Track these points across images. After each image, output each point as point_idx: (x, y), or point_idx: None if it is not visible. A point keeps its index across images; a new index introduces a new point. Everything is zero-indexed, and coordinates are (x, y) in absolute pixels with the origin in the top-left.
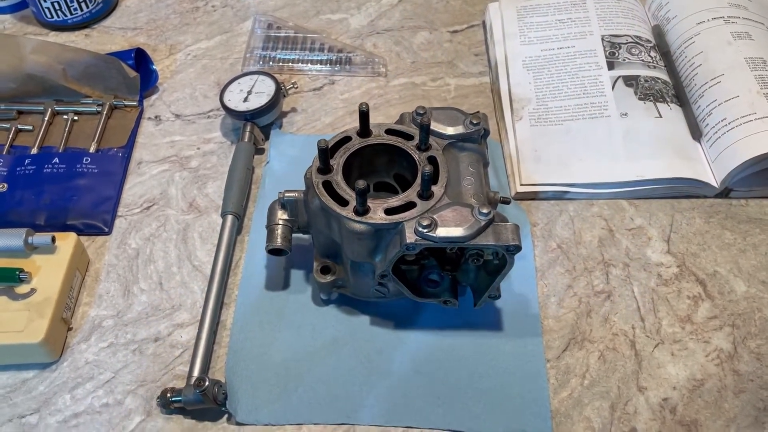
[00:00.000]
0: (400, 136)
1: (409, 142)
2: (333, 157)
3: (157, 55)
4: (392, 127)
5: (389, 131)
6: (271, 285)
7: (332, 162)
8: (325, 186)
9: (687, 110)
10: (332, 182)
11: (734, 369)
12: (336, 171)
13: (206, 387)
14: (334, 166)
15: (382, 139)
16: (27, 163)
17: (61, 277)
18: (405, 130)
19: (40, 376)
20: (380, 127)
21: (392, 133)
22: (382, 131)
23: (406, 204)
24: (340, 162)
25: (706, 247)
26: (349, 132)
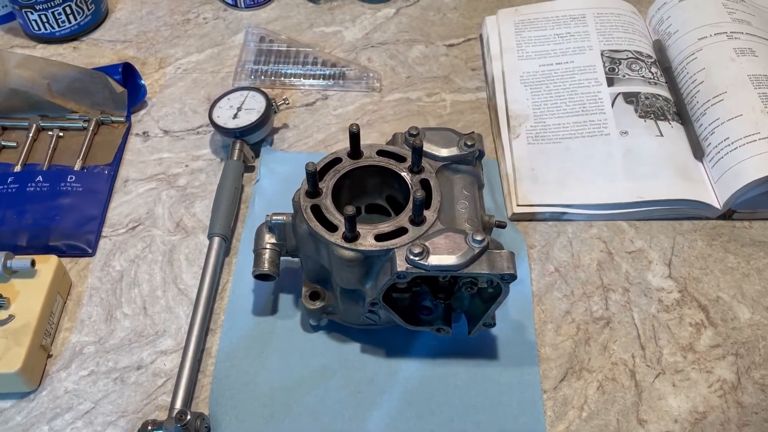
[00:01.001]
0: (392, 158)
1: (401, 164)
2: (322, 179)
3: (146, 69)
4: (384, 148)
5: (381, 152)
6: (258, 310)
7: (321, 185)
8: (314, 210)
9: (689, 129)
10: (321, 206)
11: (738, 401)
12: (325, 194)
13: (188, 421)
14: (323, 189)
15: (373, 161)
16: (10, 182)
17: (40, 302)
18: (397, 152)
19: (17, 406)
20: (372, 148)
21: (384, 155)
22: (373, 152)
23: (397, 230)
24: (330, 185)
25: (709, 271)
26: (340, 153)
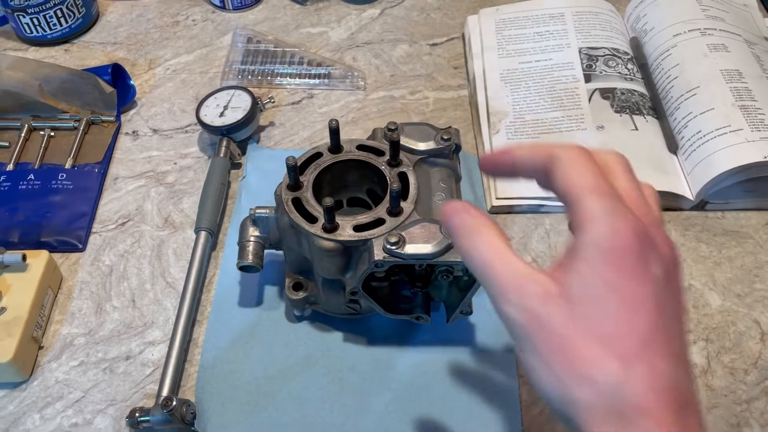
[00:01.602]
0: (372, 152)
1: (380, 158)
2: (303, 173)
3: (136, 70)
4: (363, 142)
5: (360, 147)
6: (244, 301)
7: (302, 179)
8: (295, 203)
9: (663, 123)
10: (302, 199)
11: (708, 384)
12: (306, 188)
13: (174, 407)
14: (304, 183)
15: (352, 155)
16: (2, 180)
17: (31, 295)
18: (376, 146)
19: (9, 395)
20: (352, 142)
21: (363, 149)
22: (353, 147)
23: (375, 221)
24: (310, 179)
25: (682, 260)
26: (320, 148)
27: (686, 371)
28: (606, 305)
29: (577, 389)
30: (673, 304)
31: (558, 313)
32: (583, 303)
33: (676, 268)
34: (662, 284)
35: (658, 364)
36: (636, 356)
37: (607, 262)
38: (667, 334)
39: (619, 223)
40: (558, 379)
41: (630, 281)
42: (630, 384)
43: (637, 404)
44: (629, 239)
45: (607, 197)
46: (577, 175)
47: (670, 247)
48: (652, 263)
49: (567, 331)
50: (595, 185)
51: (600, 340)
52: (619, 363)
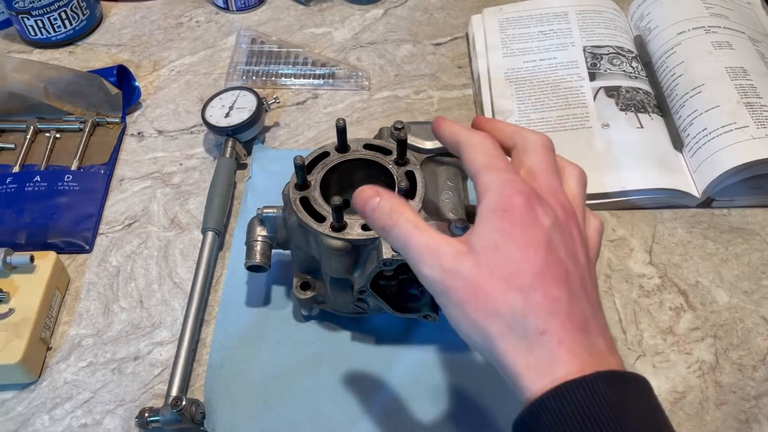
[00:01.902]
0: (378, 151)
1: (387, 156)
2: (311, 172)
3: (140, 71)
4: (370, 141)
5: (367, 146)
6: (251, 301)
7: (310, 178)
8: (303, 202)
9: (668, 120)
10: (309, 198)
11: (716, 380)
12: (314, 187)
13: (183, 406)
14: (312, 182)
15: (359, 154)
16: (8, 182)
17: (39, 296)
18: (383, 145)
19: (18, 396)
20: (358, 142)
21: (370, 148)
22: (360, 146)
23: None
24: (318, 178)
25: (689, 257)
26: (327, 147)
27: (586, 301)
28: (504, 250)
29: (489, 324)
30: (566, 246)
31: (466, 265)
32: (486, 253)
33: (570, 220)
34: (553, 231)
35: (553, 291)
36: (532, 287)
37: (501, 219)
38: (560, 268)
39: (507, 190)
40: (473, 320)
41: (522, 230)
42: (529, 310)
43: (537, 326)
44: (517, 199)
45: (498, 172)
46: (475, 156)
47: (563, 205)
48: (541, 216)
49: (475, 278)
50: (489, 163)
51: (502, 279)
52: (518, 294)
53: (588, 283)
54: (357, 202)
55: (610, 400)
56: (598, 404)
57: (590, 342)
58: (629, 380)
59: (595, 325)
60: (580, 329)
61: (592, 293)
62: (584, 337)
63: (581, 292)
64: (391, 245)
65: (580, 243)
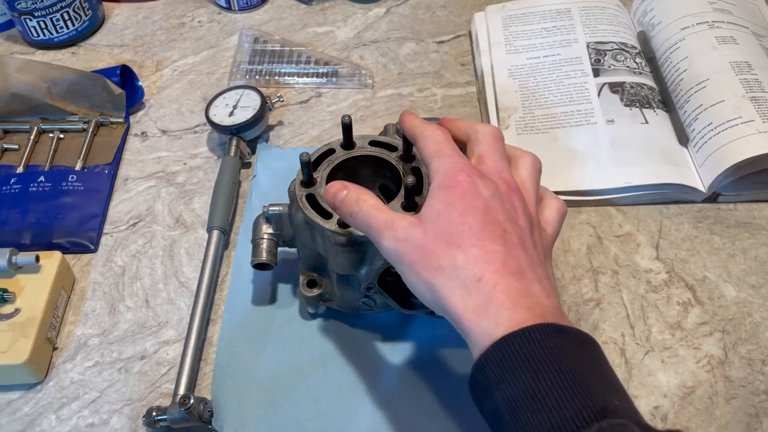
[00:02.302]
0: (384, 148)
1: (392, 153)
2: (317, 169)
3: (143, 72)
4: (376, 138)
5: (373, 143)
6: (257, 299)
7: (316, 175)
8: (309, 199)
9: (673, 116)
10: (315, 195)
11: (725, 375)
12: (320, 184)
13: (191, 405)
14: (318, 179)
15: (365, 150)
16: (12, 182)
17: (45, 296)
18: (389, 142)
19: (25, 397)
20: (364, 138)
21: (376, 145)
22: (365, 143)
23: None
24: (324, 175)
25: (695, 252)
26: (333, 144)
27: (523, 255)
28: (446, 217)
29: (435, 278)
30: (505, 211)
31: (417, 232)
32: (431, 221)
33: (512, 193)
34: (492, 200)
35: (489, 245)
36: (469, 242)
37: (444, 193)
38: (497, 228)
39: (451, 170)
40: (423, 278)
41: (462, 199)
42: (467, 261)
43: (474, 274)
44: (458, 176)
45: (444, 157)
46: (426, 146)
47: (506, 181)
48: (481, 188)
49: (422, 242)
50: (438, 150)
51: (444, 239)
52: (458, 250)
53: (528, 243)
54: (327, 195)
55: (546, 346)
56: (535, 349)
57: (525, 287)
58: (568, 332)
59: (531, 274)
60: (515, 275)
61: (532, 252)
62: (519, 283)
63: (519, 248)
64: (356, 228)
65: (522, 212)
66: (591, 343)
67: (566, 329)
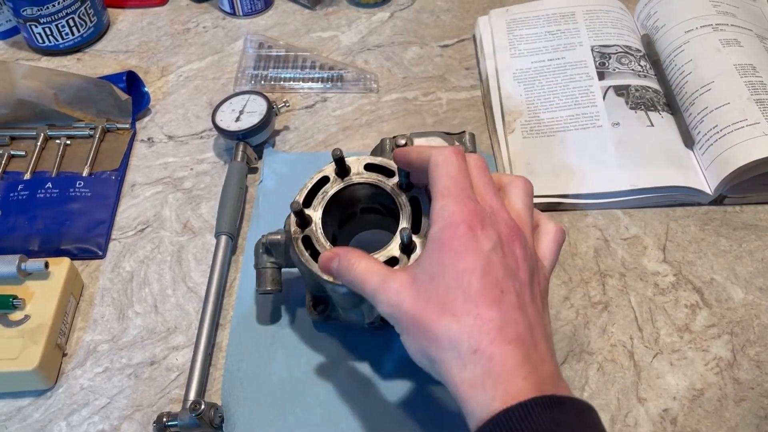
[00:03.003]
0: (381, 172)
1: (389, 180)
2: (312, 201)
3: (149, 77)
4: (371, 161)
5: (369, 166)
6: (264, 307)
7: (310, 212)
8: (305, 242)
9: (678, 118)
10: (312, 237)
11: (734, 377)
12: (315, 223)
13: (202, 410)
14: (313, 217)
15: (360, 177)
16: (20, 189)
17: (54, 302)
18: (386, 165)
19: (35, 403)
20: (359, 161)
21: (371, 169)
22: (361, 167)
23: (388, 260)
24: (319, 212)
25: (702, 254)
26: (326, 171)
27: (521, 317)
28: (439, 281)
29: (430, 349)
30: (505, 266)
31: (409, 297)
32: (425, 284)
33: (514, 239)
34: (492, 254)
35: (485, 313)
36: (464, 310)
37: (441, 250)
38: (494, 290)
39: (452, 219)
40: (419, 347)
41: (459, 259)
42: (462, 332)
43: (470, 345)
44: (458, 229)
45: (449, 200)
46: (437, 179)
47: (507, 224)
48: (482, 241)
49: (415, 309)
50: (445, 189)
51: (438, 307)
52: (452, 319)
53: (526, 298)
54: (321, 266)
55: (544, 421)
56: (532, 425)
57: (522, 354)
58: (565, 403)
59: (528, 338)
60: (511, 343)
61: (530, 308)
62: (515, 350)
63: (516, 311)
64: (353, 290)
65: (523, 260)
66: (588, 412)
67: (563, 400)
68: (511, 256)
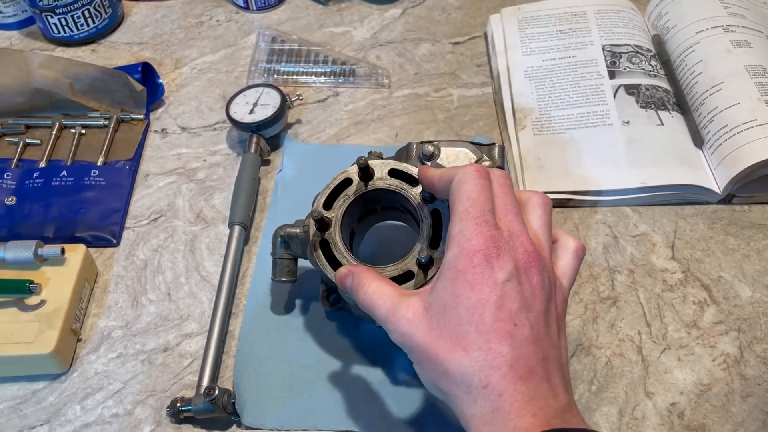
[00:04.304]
0: (404, 179)
1: (413, 189)
2: (333, 203)
3: (162, 69)
4: (396, 167)
5: (392, 172)
6: (278, 294)
7: (330, 215)
8: (323, 246)
9: (688, 118)
10: (330, 242)
11: (741, 373)
12: (335, 226)
13: (216, 395)
14: (332, 220)
15: (384, 183)
16: (35, 177)
17: (70, 288)
18: (410, 172)
19: (50, 387)
20: (384, 165)
21: (395, 175)
22: (385, 172)
23: (403, 274)
24: (339, 214)
25: (710, 252)
26: (350, 173)
27: (533, 350)
28: (452, 313)
29: (441, 382)
30: (521, 296)
31: (421, 328)
32: (437, 315)
33: (531, 266)
34: (507, 285)
35: (496, 348)
36: (475, 345)
37: (455, 280)
38: (508, 324)
39: (468, 247)
40: (431, 378)
41: (473, 291)
42: (472, 367)
43: (480, 381)
44: (474, 258)
45: (468, 224)
46: (458, 201)
47: (525, 249)
48: (497, 271)
49: (426, 341)
50: (464, 212)
51: (449, 341)
52: (463, 353)
53: (541, 330)
54: (338, 282)
55: None
56: None
57: (532, 389)
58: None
59: (541, 371)
60: (522, 378)
61: (544, 340)
62: (526, 386)
63: (529, 344)
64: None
65: (539, 288)
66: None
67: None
68: (528, 284)
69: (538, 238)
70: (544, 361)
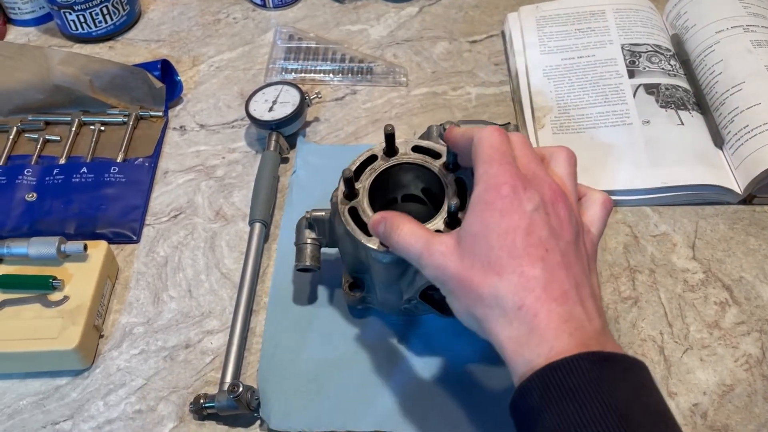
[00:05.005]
0: (428, 154)
1: (436, 160)
2: (359, 178)
3: (180, 67)
4: (419, 143)
5: (416, 148)
6: (300, 291)
7: (358, 186)
8: (351, 213)
9: (708, 118)
10: (358, 209)
11: (763, 374)
12: (362, 196)
13: (240, 393)
14: (360, 190)
15: (408, 158)
16: (55, 173)
17: (93, 284)
18: (432, 148)
19: (73, 382)
20: (407, 143)
21: (419, 151)
22: (408, 148)
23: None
24: (366, 185)
25: (731, 253)
26: (375, 150)
27: (565, 275)
28: (483, 241)
29: (476, 308)
30: (549, 226)
31: (454, 259)
32: (469, 245)
33: (558, 200)
34: (535, 214)
35: (528, 270)
36: (508, 268)
37: (484, 211)
38: (539, 249)
39: (495, 180)
40: (465, 306)
41: (502, 219)
42: (506, 290)
43: (514, 303)
44: (502, 188)
45: (493, 164)
46: (481, 150)
47: (550, 186)
48: (525, 201)
49: (460, 270)
50: (489, 156)
51: (482, 267)
52: (496, 278)
53: (571, 258)
54: (371, 227)
55: (588, 377)
56: (576, 381)
57: (567, 311)
58: (611, 359)
59: (574, 296)
60: (557, 299)
61: (576, 267)
62: (561, 308)
63: (561, 268)
64: (399, 254)
65: (567, 221)
66: (638, 367)
67: (610, 356)
68: (555, 216)
69: (563, 182)
70: (576, 287)
